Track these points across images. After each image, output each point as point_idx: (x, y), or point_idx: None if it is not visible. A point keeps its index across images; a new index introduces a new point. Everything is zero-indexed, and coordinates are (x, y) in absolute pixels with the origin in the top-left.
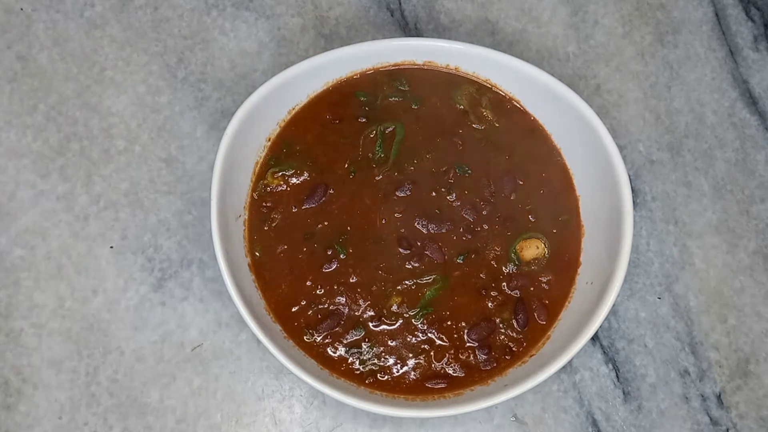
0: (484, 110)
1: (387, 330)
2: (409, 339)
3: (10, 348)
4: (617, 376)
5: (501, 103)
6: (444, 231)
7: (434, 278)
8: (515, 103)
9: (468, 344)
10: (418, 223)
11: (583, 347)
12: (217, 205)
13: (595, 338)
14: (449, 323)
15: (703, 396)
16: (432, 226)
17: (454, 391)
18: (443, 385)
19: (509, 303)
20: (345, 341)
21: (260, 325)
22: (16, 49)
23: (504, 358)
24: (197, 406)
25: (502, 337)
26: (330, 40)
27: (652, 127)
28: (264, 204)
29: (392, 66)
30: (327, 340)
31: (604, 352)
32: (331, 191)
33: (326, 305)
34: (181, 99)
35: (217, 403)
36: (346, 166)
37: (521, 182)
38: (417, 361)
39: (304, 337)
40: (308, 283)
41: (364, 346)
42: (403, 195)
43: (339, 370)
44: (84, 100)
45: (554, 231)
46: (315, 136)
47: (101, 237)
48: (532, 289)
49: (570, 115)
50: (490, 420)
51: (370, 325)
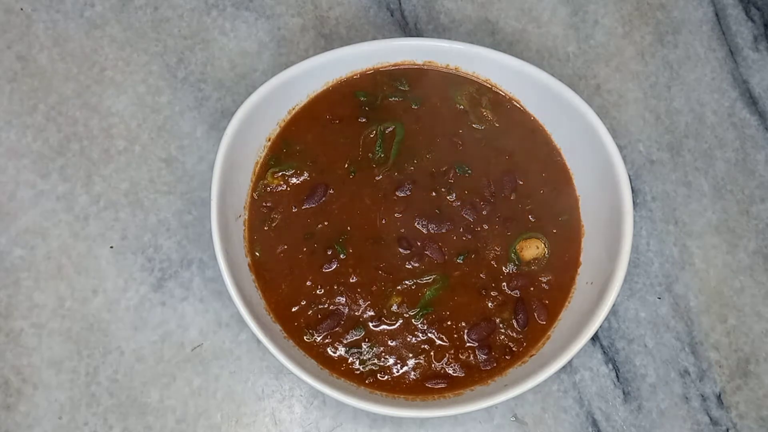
0: (484, 110)
1: (387, 330)
2: (409, 339)
3: (10, 348)
4: (617, 376)
5: (501, 103)
6: (444, 231)
7: (434, 278)
8: (515, 103)
9: (468, 344)
10: (418, 223)
11: (583, 347)
12: (217, 205)
13: (595, 338)
14: (449, 323)
15: (703, 396)
16: (432, 226)
17: (454, 391)
18: (443, 385)
19: (509, 303)
20: (345, 341)
21: (260, 325)
22: (16, 49)
23: (504, 358)
24: (197, 406)
25: (502, 337)
26: (330, 40)
27: (652, 127)
28: (264, 204)
29: (392, 66)
30: (327, 340)
31: (604, 352)
32: (331, 191)
33: (326, 305)
34: (181, 99)
35: (217, 403)
36: (346, 166)
37: (521, 182)
38: (417, 361)
39: (304, 337)
40: (308, 283)
41: (364, 346)
42: (403, 195)
43: (339, 370)
44: (84, 100)
45: (554, 231)
46: (315, 136)
47: (101, 237)
48: (532, 289)
49: (570, 115)
50: (490, 420)
51: (370, 325)
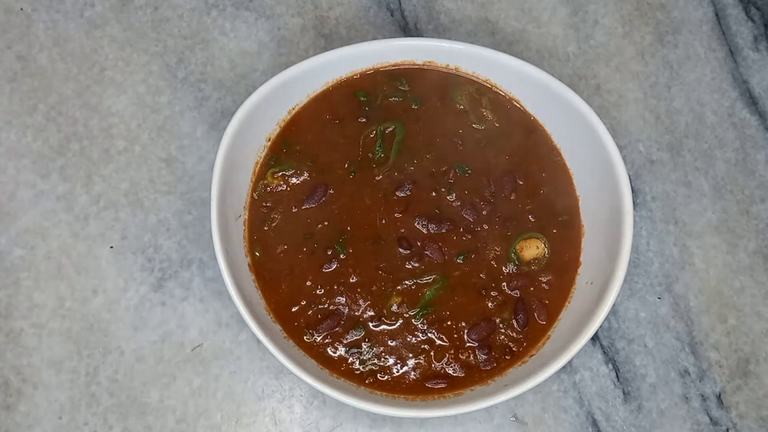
0: (484, 110)
1: (387, 330)
2: (409, 339)
3: (10, 348)
4: (617, 376)
5: (501, 103)
6: (444, 231)
7: (434, 278)
8: (515, 103)
9: (468, 344)
10: (418, 223)
11: (583, 347)
12: (217, 205)
13: (595, 338)
14: (449, 323)
15: (703, 396)
16: (432, 226)
17: (454, 391)
18: (443, 385)
19: (509, 303)
20: (345, 341)
21: (260, 325)
22: (16, 49)
23: (504, 358)
24: (197, 406)
25: (502, 337)
26: (330, 40)
27: (652, 127)
28: (264, 204)
29: (392, 66)
30: (327, 340)
31: (604, 352)
32: (331, 191)
33: (326, 305)
34: (181, 99)
35: (217, 403)
36: (346, 166)
37: (521, 182)
38: (417, 361)
39: (304, 337)
40: (308, 283)
41: (364, 346)
42: (403, 195)
43: (339, 370)
44: (84, 100)
45: (554, 231)
46: (315, 136)
47: (101, 237)
48: (532, 289)
49: (570, 115)
50: (490, 420)
51: (370, 325)
